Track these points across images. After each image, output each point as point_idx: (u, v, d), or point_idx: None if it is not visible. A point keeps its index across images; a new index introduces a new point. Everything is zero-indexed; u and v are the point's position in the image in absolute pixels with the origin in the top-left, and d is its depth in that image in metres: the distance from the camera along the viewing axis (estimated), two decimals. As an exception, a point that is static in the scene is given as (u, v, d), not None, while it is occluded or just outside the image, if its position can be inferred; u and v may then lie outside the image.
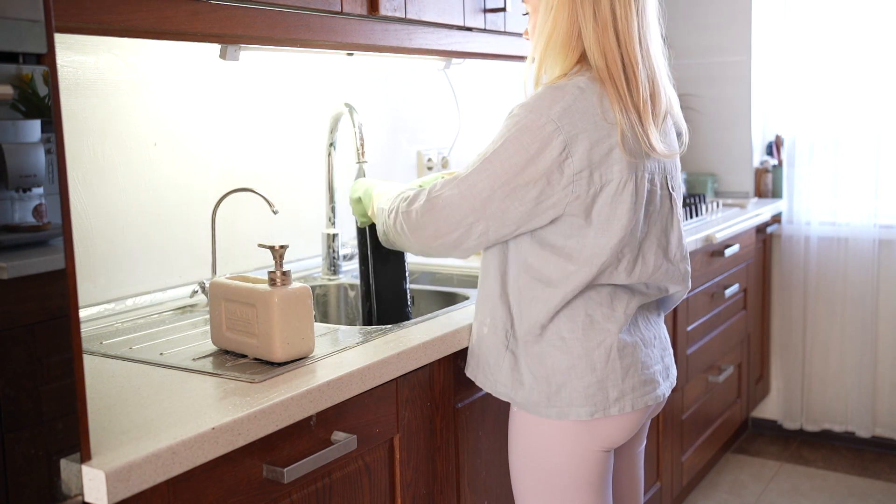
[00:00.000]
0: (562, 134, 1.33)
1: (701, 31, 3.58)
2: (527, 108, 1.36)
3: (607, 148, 1.35)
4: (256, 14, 1.54)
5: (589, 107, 1.35)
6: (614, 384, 1.43)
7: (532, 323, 1.43)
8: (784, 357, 3.57)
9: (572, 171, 1.34)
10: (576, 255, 1.39)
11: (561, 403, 1.43)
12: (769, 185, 3.63)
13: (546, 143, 1.33)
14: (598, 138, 1.34)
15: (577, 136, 1.33)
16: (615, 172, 1.36)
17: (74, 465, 0.99)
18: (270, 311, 1.34)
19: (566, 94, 1.35)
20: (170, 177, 1.85)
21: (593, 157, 1.34)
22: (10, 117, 0.93)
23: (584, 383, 1.42)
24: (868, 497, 3.03)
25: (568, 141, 1.33)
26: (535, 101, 1.36)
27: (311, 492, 1.31)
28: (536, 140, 1.33)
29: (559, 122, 1.33)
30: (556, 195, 1.35)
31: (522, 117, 1.36)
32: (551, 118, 1.33)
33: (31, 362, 0.96)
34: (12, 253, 0.94)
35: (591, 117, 1.34)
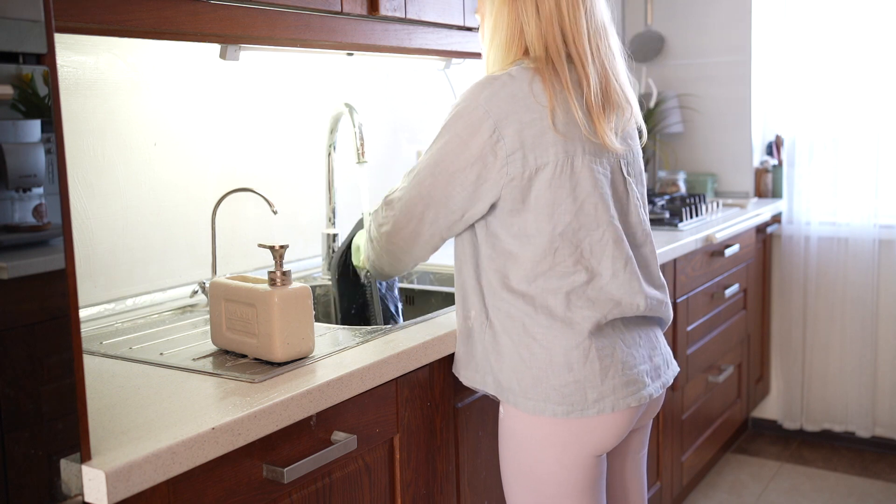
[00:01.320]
0: (490, 118, 1.36)
1: (701, 31, 3.58)
2: (460, 99, 1.42)
3: (539, 130, 1.37)
4: (256, 14, 1.54)
5: (517, 91, 1.38)
6: (593, 385, 1.41)
7: (506, 314, 1.42)
8: (784, 357, 3.57)
9: (505, 153, 1.36)
10: (522, 238, 1.40)
11: (537, 398, 1.41)
12: (769, 185, 3.63)
13: (476, 127, 1.37)
14: (530, 120, 1.37)
15: (507, 118, 1.36)
16: (550, 155, 1.38)
17: (74, 465, 0.99)
18: (270, 311, 1.34)
19: (496, 81, 1.39)
20: (170, 177, 1.85)
21: (525, 139, 1.37)
22: (10, 117, 0.93)
23: (560, 381, 1.40)
24: (868, 497, 3.03)
25: (497, 123, 1.36)
26: (467, 91, 1.42)
27: (311, 492, 1.31)
28: (468, 126, 1.38)
29: (487, 107, 1.37)
30: (492, 177, 1.38)
31: (456, 107, 1.42)
32: (479, 103, 1.38)
33: (31, 362, 0.96)
34: (12, 253, 0.94)
35: (521, 100, 1.37)
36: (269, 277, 1.37)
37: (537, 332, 1.40)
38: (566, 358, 1.40)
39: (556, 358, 1.40)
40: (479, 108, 1.37)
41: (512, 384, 1.43)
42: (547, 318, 1.40)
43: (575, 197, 1.39)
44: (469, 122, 1.38)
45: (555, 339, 1.40)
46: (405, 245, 1.52)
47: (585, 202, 1.40)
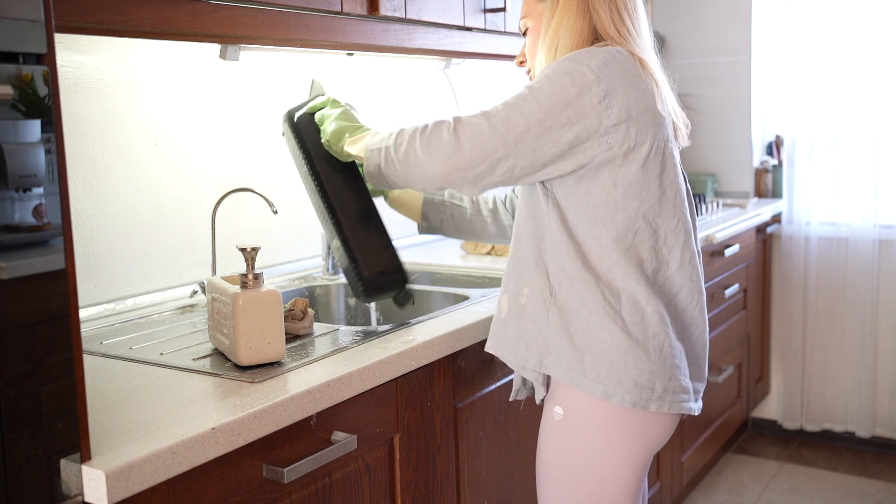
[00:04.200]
0: (602, 83, 1.32)
1: (701, 31, 3.58)
2: (566, 59, 1.35)
3: (645, 107, 1.35)
4: (256, 14, 1.54)
5: (628, 65, 1.36)
6: (661, 380, 1.37)
7: (577, 293, 1.37)
8: (784, 357, 3.57)
9: (610, 122, 1.32)
10: (602, 213, 1.36)
11: (609, 382, 1.36)
12: (769, 185, 3.63)
13: (586, 88, 1.32)
14: (636, 95, 1.35)
15: (617, 89, 1.33)
16: (649, 134, 1.36)
17: (74, 465, 0.99)
18: (236, 314, 1.33)
19: (603, 51, 1.36)
20: (170, 177, 1.85)
21: (631, 113, 1.34)
22: (10, 117, 0.93)
23: (637, 370, 1.36)
24: (868, 497, 3.03)
25: (608, 91, 1.32)
26: (573, 55, 1.36)
27: (311, 492, 1.31)
28: (577, 84, 1.32)
29: (599, 73, 1.32)
30: (590, 141, 1.33)
31: (561, 64, 1.34)
32: (592, 68, 1.33)
33: (31, 362, 0.96)
34: (12, 253, 0.94)
35: (630, 75, 1.35)
36: (241, 280, 1.36)
37: (618, 316, 1.36)
38: (644, 347, 1.36)
39: (636, 345, 1.36)
40: (591, 72, 1.32)
41: (579, 366, 1.37)
42: (629, 304, 1.36)
43: (661, 181, 1.38)
44: (578, 82, 1.32)
45: (637, 327, 1.36)
46: (460, 182, 1.37)
47: (668, 189, 1.39)
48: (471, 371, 1.66)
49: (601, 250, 1.37)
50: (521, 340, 1.43)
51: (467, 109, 2.70)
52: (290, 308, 1.56)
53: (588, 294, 1.37)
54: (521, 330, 1.43)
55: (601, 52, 1.36)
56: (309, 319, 1.56)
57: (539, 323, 1.40)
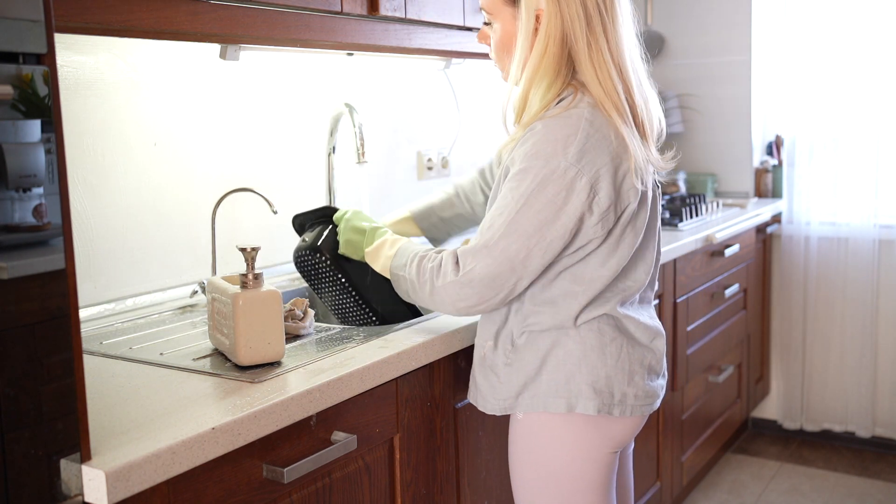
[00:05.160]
0: (584, 175, 1.31)
1: (701, 31, 3.58)
2: (542, 157, 1.32)
3: (622, 175, 1.35)
4: (256, 14, 1.54)
5: (602, 139, 1.33)
6: (619, 384, 1.43)
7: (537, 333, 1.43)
8: (784, 357, 3.57)
9: (601, 210, 1.34)
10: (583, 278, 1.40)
11: (569, 395, 1.42)
12: (769, 185, 3.63)
13: (571, 189, 1.31)
14: (616, 167, 1.34)
15: (599, 174, 1.32)
16: (630, 197, 1.37)
17: (74, 465, 0.99)
18: (236, 314, 1.33)
19: (578, 129, 1.32)
20: (170, 177, 1.85)
21: (617, 189, 1.35)
22: (10, 117, 0.93)
23: (594, 377, 1.41)
24: (868, 497, 3.03)
25: (592, 181, 1.32)
26: (547, 145, 1.32)
27: (311, 492, 1.31)
28: (562, 189, 1.31)
29: (579, 165, 1.31)
30: (587, 232, 1.36)
31: (540, 168, 1.32)
32: (570, 162, 1.31)
33: (31, 362, 0.96)
34: (12, 253, 0.94)
35: (607, 148, 1.33)
36: (241, 280, 1.36)
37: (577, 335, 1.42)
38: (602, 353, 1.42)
39: (592, 353, 1.42)
40: (572, 168, 1.31)
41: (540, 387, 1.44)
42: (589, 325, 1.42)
43: (635, 231, 1.41)
44: (563, 185, 1.31)
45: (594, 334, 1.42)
46: (489, 308, 1.42)
47: (644, 233, 1.44)
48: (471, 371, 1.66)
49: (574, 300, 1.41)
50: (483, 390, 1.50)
51: (466, 112, 2.71)
52: (290, 308, 1.56)
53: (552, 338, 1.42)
54: (489, 376, 1.48)
55: (576, 133, 1.32)
56: (309, 319, 1.56)
57: (501, 365, 1.46)
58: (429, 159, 2.60)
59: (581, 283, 1.40)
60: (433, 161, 2.62)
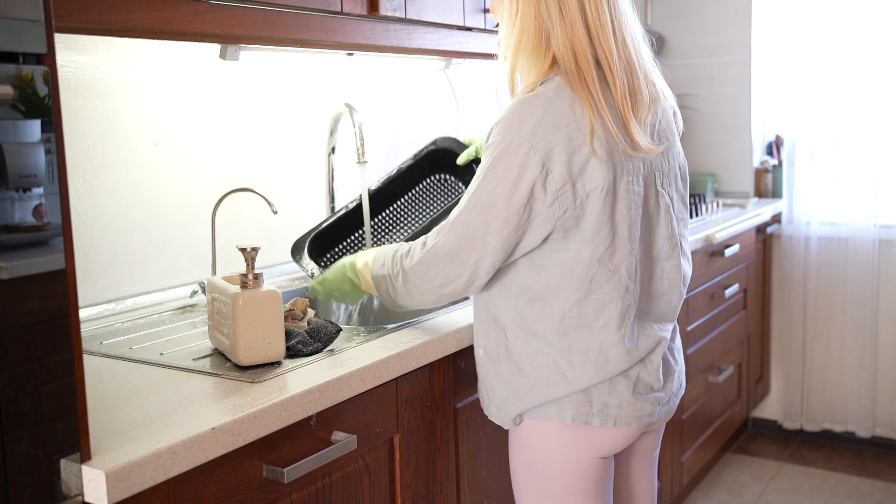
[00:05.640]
0: (537, 152, 1.29)
1: (701, 31, 3.58)
2: (501, 133, 1.34)
3: (585, 156, 1.31)
4: (256, 14, 1.54)
5: (560, 117, 1.31)
6: (599, 394, 1.41)
7: (530, 337, 1.41)
8: (784, 357, 3.57)
9: (555, 188, 1.31)
10: (567, 269, 1.37)
11: (546, 401, 1.42)
12: (769, 185, 3.63)
13: (524, 165, 1.30)
14: (575, 147, 1.31)
15: (553, 151, 1.30)
16: (597, 179, 1.32)
17: (74, 465, 0.99)
18: (236, 313, 1.33)
19: (535, 107, 1.32)
20: (170, 177, 1.85)
21: (573, 169, 1.31)
22: (10, 117, 0.93)
23: (571, 387, 1.40)
24: (868, 497, 3.03)
25: (544, 158, 1.30)
26: (506, 123, 1.33)
27: (311, 492, 1.31)
28: (515, 164, 1.31)
29: (532, 141, 1.30)
30: (544, 212, 1.33)
31: (498, 143, 1.33)
32: (524, 138, 1.30)
33: (31, 362, 0.96)
34: (12, 253, 0.94)
35: (565, 127, 1.31)
36: (241, 280, 1.36)
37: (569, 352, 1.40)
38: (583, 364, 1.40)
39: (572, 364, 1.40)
40: (525, 144, 1.30)
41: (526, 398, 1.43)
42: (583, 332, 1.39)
43: (613, 222, 1.36)
44: (516, 161, 1.30)
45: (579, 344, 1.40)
46: (455, 293, 1.42)
47: (619, 226, 1.37)
48: (471, 371, 1.66)
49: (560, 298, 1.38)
50: (484, 395, 1.52)
51: (466, 112, 2.71)
52: (290, 308, 1.56)
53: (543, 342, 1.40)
54: (485, 383, 1.50)
55: (534, 110, 1.31)
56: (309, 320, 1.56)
57: (495, 374, 1.46)
58: (429, 159, 2.60)
59: (553, 278, 1.37)
60: (433, 161, 2.61)
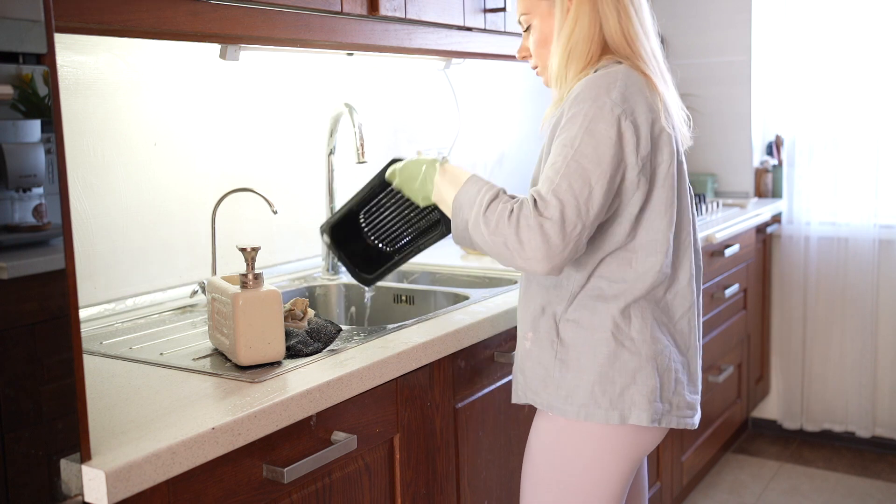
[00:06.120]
0: (628, 117, 1.32)
1: (701, 31, 3.58)
2: (588, 100, 1.33)
3: (659, 129, 1.37)
4: (256, 14, 1.54)
5: (639, 91, 1.36)
6: (666, 396, 1.41)
7: (587, 330, 1.40)
8: (784, 357, 3.57)
9: (642, 156, 1.34)
10: (634, 260, 1.38)
11: (623, 406, 1.39)
12: (769, 185, 3.63)
13: (619, 127, 1.31)
14: (652, 119, 1.36)
15: (638, 120, 1.34)
16: (665, 154, 1.37)
17: (74, 465, 0.99)
18: (236, 313, 1.33)
19: (616, 79, 1.35)
20: (170, 177, 1.85)
21: (654, 139, 1.36)
22: (10, 117, 0.93)
23: (648, 388, 1.39)
24: (868, 497, 3.03)
25: (636, 124, 1.33)
26: (589, 91, 1.34)
27: (311, 492, 1.31)
28: (611, 125, 1.31)
29: (623, 105, 1.33)
30: (630, 177, 1.33)
31: (588, 108, 1.33)
32: (615, 102, 1.32)
33: (31, 362, 0.96)
34: (12, 253, 0.94)
35: (644, 100, 1.36)
36: (241, 280, 1.36)
37: (627, 339, 1.39)
38: (655, 363, 1.40)
39: (647, 364, 1.39)
40: (616, 107, 1.32)
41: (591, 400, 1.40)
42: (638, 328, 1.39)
43: (679, 198, 1.40)
44: (612, 122, 1.31)
45: (647, 344, 1.40)
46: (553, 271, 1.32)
47: (682, 202, 1.41)
48: (471, 371, 1.66)
49: (617, 280, 1.39)
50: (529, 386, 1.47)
51: (466, 112, 2.71)
52: (290, 308, 1.56)
53: (590, 323, 1.40)
54: (531, 374, 1.46)
55: (616, 80, 1.35)
56: (309, 319, 1.56)
57: (545, 363, 1.43)
58: (429, 159, 2.60)
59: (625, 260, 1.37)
60: (433, 161, 2.61)
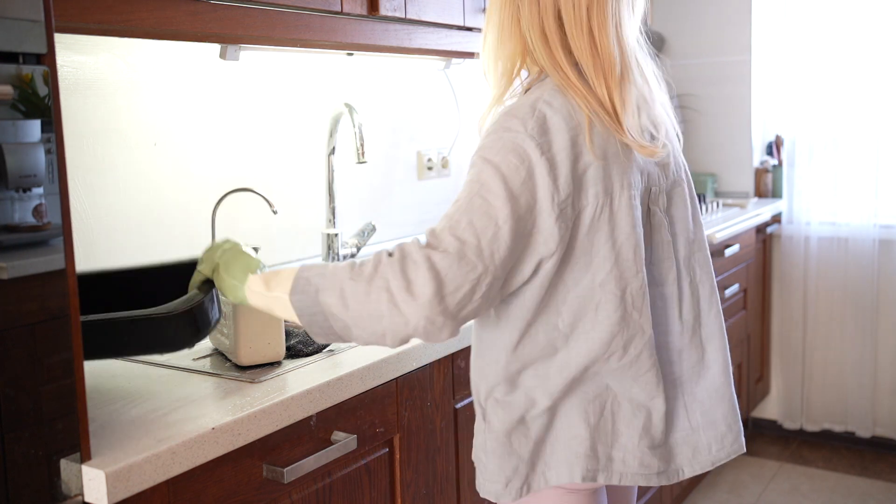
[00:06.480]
0: (545, 153, 1.12)
1: (701, 31, 3.58)
2: (501, 130, 1.15)
3: (585, 163, 1.14)
4: (256, 14, 1.54)
5: (561, 119, 1.14)
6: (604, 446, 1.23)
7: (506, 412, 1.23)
8: (784, 357, 3.57)
9: (560, 200, 1.12)
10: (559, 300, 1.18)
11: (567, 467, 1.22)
12: (769, 185, 3.63)
13: (533, 164, 1.11)
14: (578, 153, 1.14)
15: (557, 158, 1.12)
16: (591, 195, 1.14)
17: (74, 465, 0.99)
18: (236, 313, 1.33)
19: (535, 108, 1.15)
20: (170, 176, 1.85)
21: (575, 177, 1.13)
22: (10, 117, 0.93)
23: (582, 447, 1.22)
24: (868, 497, 3.03)
25: (551, 163, 1.12)
26: (505, 121, 1.15)
27: (311, 492, 1.31)
28: (524, 161, 1.11)
29: (539, 140, 1.12)
30: (546, 227, 1.12)
31: (499, 138, 1.14)
32: (531, 135, 1.12)
33: (31, 362, 0.96)
34: (12, 253, 0.94)
35: (567, 129, 1.14)
36: None
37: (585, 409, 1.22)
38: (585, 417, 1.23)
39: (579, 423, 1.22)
40: (531, 141, 1.12)
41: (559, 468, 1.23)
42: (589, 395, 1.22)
43: (613, 241, 1.17)
44: (524, 158, 1.11)
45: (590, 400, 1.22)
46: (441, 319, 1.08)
47: (623, 246, 1.17)
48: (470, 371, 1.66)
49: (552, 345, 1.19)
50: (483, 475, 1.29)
51: (466, 112, 2.71)
52: (290, 308, 1.55)
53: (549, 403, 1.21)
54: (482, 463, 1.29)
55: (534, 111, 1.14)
56: None
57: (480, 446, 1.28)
58: (429, 159, 2.60)
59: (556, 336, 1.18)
60: (433, 161, 2.62)
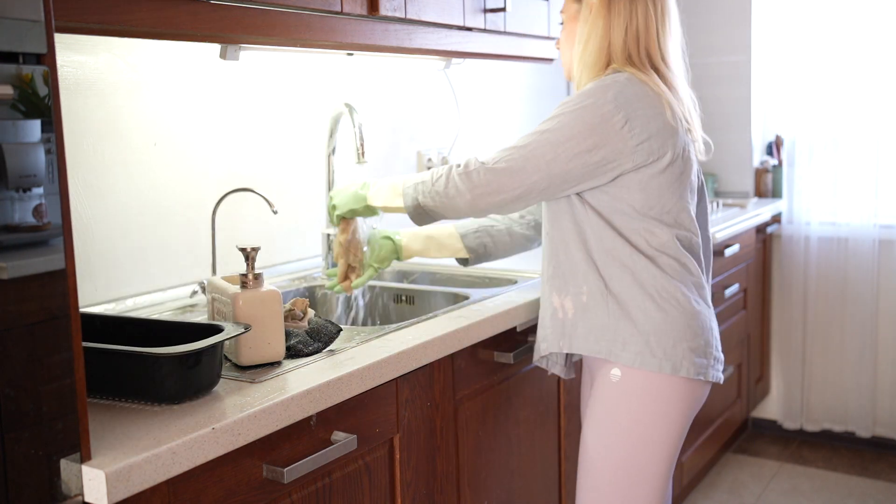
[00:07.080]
0: (621, 111, 1.49)
1: (701, 31, 3.58)
2: (582, 95, 1.52)
3: (661, 123, 1.52)
4: (256, 14, 1.54)
5: (639, 90, 1.52)
6: (711, 350, 1.58)
7: (631, 282, 1.54)
8: (784, 357, 3.57)
9: (634, 143, 1.50)
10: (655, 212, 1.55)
11: (675, 357, 1.53)
12: (769, 185, 3.63)
13: (607, 117, 1.49)
14: (653, 114, 1.52)
15: (635, 112, 1.50)
16: (670, 146, 1.53)
17: (74, 465, 0.99)
18: (236, 313, 1.33)
19: (616, 82, 1.52)
20: (170, 177, 1.85)
21: (651, 131, 1.51)
22: (10, 117, 0.93)
23: (695, 343, 1.55)
24: (868, 497, 3.03)
25: (628, 116, 1.49)
26: (586, 91, 1.52)
27: (311, 492, 1.31)
28: (597, 115, 1.49)
29: (616, 102, 1.50)
30: (618, 160, 1.51)
31: (578, 102, 1.52)
32: (608, 99, 1.50)
33: (31, 362, 0.96)
34: (12, 253, 0.94)
35: (643, 97, 1.52)
36: (241, 280, 1.36)
37: (672, 298, 1.54)
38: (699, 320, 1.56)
39: (693, 321, 1.55)
40: (609, 103, 1.50)
41: (646, 349, 1.54)
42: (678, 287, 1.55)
43: (681, 182, 1.57)
44: (598, 113, 1.49)
45: (690, 302, 1.56)
46: (500, 204, 1.56)
47: (686, 187, 1.58)
48: (470, 371, 1.66)
49: (643, 240, 1.55)
50: (590, 333, 1.59)
51: (466, 112, 2.71)
52: (290, 308, 1.56)
53: (640, 280, 1.54)
54: (589, 325, 1.58)
55: (612, 84, 1.52)
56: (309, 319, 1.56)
57: (601, 315, 1.57)
58: (429, 159, 2.60)
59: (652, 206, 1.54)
60: (433, 161, 2.62)
